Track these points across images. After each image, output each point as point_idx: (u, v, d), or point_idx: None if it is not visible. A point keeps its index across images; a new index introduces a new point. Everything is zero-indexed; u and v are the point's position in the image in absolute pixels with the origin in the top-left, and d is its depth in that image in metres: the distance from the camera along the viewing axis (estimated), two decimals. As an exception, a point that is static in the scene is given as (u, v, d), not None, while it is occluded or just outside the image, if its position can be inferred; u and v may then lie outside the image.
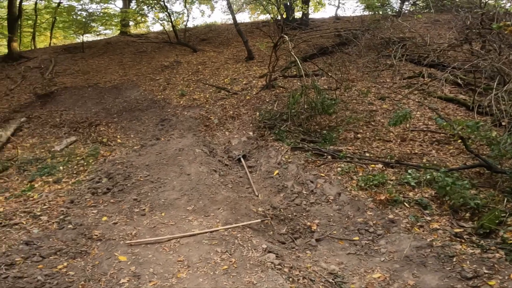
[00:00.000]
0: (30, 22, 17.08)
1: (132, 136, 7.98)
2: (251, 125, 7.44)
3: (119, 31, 17.77)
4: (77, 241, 3.74)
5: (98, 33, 17.13)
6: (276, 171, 5.65)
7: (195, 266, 3.39)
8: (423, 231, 3.90)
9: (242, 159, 6.21)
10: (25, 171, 6.63)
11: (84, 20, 14.66)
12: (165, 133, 7.69)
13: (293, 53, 7.20)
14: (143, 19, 17.23)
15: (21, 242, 3.65)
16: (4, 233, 3.91)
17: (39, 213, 4.46)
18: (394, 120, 5.49)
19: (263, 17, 18.63)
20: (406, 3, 14.13)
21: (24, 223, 4.18)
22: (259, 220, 4.46)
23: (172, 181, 5.18)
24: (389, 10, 13.61)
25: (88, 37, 16.78)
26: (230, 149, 6.71)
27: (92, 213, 4.44)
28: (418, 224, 4.01)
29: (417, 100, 7.33)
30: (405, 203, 4.37)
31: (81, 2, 15.60)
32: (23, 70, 12.85)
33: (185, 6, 15.38)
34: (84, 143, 7.99)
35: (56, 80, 11.60)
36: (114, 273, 3.21)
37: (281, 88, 8.92)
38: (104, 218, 4.29)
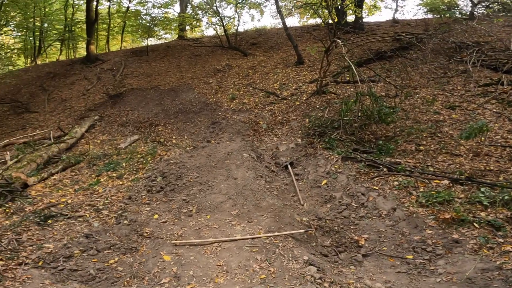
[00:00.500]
0: (104, 26, 19.18)
1: (185, 137, 8.40)
2: (300, 131, 7.28)
3: (177, 35, 19.00)
4: (129, 237, 4.02)
5: (159, 37, 18.61)
6: (324, 181, 5.42)
7: (234, 272, 3.39)
8: (492, 253, 3.53)
9: (289, 166, 6.09)
10: (94, 165, 7.39)
11: (148, 24, 15.93)
12: (215, 136, 7.93)
13: (346, 58, 6.85)
14: (197, 24, 18.25)
15: (82, 235, 4.04)
16: (69, 225, 4.38)
17: (101, 207, 4.91)
18: (468, 132, 4.91)
19: (313, 21, 18.32)
20: (478, 6, 12.64)
21: (88, 216, 4.64)
22: (303, 230, 4.32)
23: (219, 184, 5.29)
24: (457, 13, 12.33)
25: (152, 41, 18.25)
26: (277, 155, 6.64)
27: (146, 210, 4.75)
28: (488, 245, 3.64)
29: (495, 110, 6.41)
30: (474, 224, 3.96)
31: (146, 6, 17.09)
32: (98, 71, 14.38)
33: (236, 11, 15.83)
34: (145, 142, 8.64)
35: (125, 81, 12.76)
36: (157, 272, 3.36)
37: (333, 95, 8.57)
38: (155, 216, 4.55)
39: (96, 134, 9.86)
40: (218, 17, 15.13)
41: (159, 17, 16.88)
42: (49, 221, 4.43)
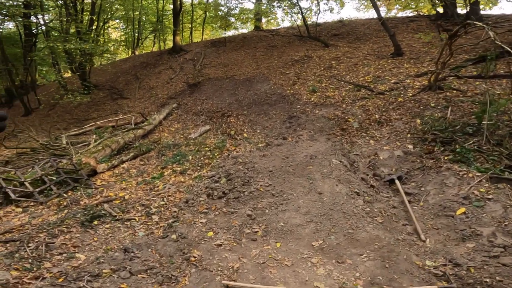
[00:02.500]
0: (188, 17, 19.84)
1: (258, 131, 7.31)
2: (408, 135, 5.39)
3: (253, 26, 18.50)
4: (173, 259, 3.01)
5: (236, 29, 18.38)
6: (462, 209, 3.58)
7: None
8: None
9: (396, 182, 4.34)
10: (163, 155, 6.90)
11: (226, 15, 15.72)
12: (293, 132, 6.60)
13: (499, 42, 4.72)
14: (273, 15, 17.46)
15: (121, 247, 3.19)
16: (113, 230, 3.62)
17: (153, 211, 4.09)
18: None
19: (402, 14, 16.00)
20: None
21: (137, 220, 3.85)
22: (436, 286, 2.74)
23: (298, 199, 3.95)
24: None
25: (229, 33, 18.13)
26: (377, 164, 4.92)
27: (200, 222, 3.72)
28: None
29: None
30: None
31: (225, -2, 17.02)
32: (182, 61, 14.72)
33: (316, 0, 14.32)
34: (215, 133, 7.93)
35: (203, 71, 12.59)
36: None
37: (455, 91, 6.38)
38: (210, 234, 3.47)
39: (172, 121, 9.73)
40: (298, 6, 13.99)
41: (236, 8, 16.62)
42: (95, 222, 3.77)
